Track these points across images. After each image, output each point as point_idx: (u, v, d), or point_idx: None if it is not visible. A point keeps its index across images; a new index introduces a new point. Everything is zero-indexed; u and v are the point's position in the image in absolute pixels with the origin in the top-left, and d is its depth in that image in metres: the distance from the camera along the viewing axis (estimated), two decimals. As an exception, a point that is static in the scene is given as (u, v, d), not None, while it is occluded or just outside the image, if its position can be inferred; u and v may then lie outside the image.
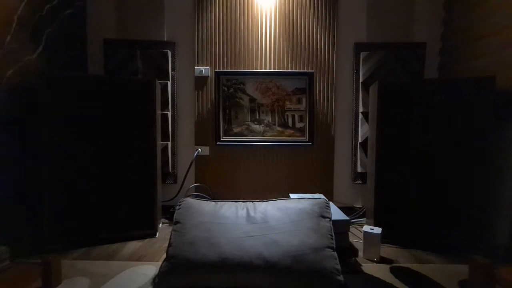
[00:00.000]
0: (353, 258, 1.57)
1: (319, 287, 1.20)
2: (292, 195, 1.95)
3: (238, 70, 2.33)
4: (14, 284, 1.33)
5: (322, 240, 1.27)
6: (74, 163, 1.73)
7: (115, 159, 1.79)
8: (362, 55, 2.30)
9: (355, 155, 2.36)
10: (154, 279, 1.34)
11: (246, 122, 2.36)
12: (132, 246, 1.75)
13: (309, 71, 2.32)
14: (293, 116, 2.35)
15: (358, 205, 2.36)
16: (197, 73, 2.34)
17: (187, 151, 2.38)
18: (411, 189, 1.78)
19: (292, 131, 2.36)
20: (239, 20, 2.32)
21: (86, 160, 1.75)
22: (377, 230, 1.62)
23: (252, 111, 2.35)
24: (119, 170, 1.80)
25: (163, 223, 2.15)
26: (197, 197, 2.16)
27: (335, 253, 1.26)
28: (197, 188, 2.38)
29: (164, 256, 1.31)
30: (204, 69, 2.34)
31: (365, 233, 1.63)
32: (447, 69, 2.24)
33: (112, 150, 1.79)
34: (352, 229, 1.98)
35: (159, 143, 2.00)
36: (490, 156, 1.65)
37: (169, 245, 1.30)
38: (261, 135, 2.36)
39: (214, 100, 2.34)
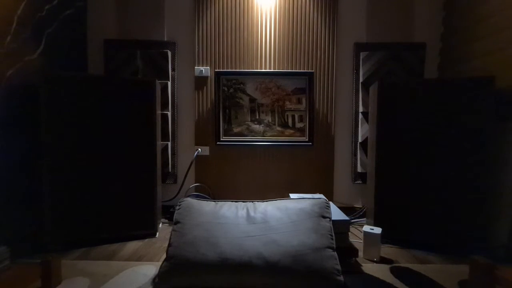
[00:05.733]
0: (353, 258, 1.57)
1: (319, 287, 1.20)
2: (292, 195, 1.95)
3: (238, 70, 2.33)
4: (14, 284, 1.33)
5: (322, 240, 1.27)
6: (74, 163, 1.73)
7: (115, 159, 1.79)
8: (362, 55, 2.30)
9: (355, 155, 2.36)
10: (154, 279, 1.34)
11: (246, 122, 2.36)
12: (132, 246, 1.75)
13: (309, 71, 2.32)
14: (293, 116, 2.35)
15: (358, 205, 2.36)
16: (197, 73, 2.34)
17: (187, 151, 2.38)
18: (411, 189, 1.78)
19: (292, 131, 2.36)
20: (239, 20, 2.32)
21: (86, 160, 1.75)
22: (377, 230, 1.62)
23: (252, 111, 2.35)
24: (119, 170, 1.80)
25: (163, 223, 2.14)
26: (197, 197, 2.16)
27: (335, 253, 1.26)
28: (197, 188, 2.38)
29: (164, 256, 1.31)
30: (204, 69, 2.34)
31: (365, 233, 1.63)
32: (447, 69, 2.24)
33: (112, 150, 1.79)
34: (352, 229, 1.98)
35: (159, 143, 2.00)
36: (490, 156, 1.65)
37: (169, 245, 1.30)
38: (261, 135, 2.36)
39: (214, 100, 2.33)
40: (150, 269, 1.44)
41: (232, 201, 1.48)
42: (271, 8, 2.31)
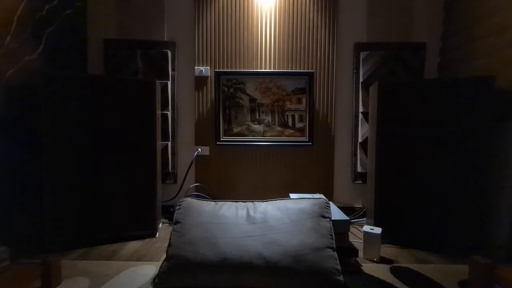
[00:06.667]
0: (353, 258, 1.57)
1: (319, 287, 1.20)
2: (292, 195, 1.95)
3: (238, 70, 2.33)
4: (14, 284, 1.32)
5: (322, 240, 1.27)
6: (74, 163, 1.73)
7: (115, 159, 1.79)
8: (362, 55, 2.30)
9: (355, 155, 2.36)
10: (154, 279, 1.34)
11: (246, 122, 2.36)
12: (132, 246, 1.75)
13: (309, 71, 2.32)
14: (293, 116, 2.35)
15: (358, 205, 2.36)
16: (197, 73, 2.34)
17: (187, 151, 2.38)
18: (411, 189, 1.78)
19: (292, 131, 2.36)
20: (239, 20, 2.32)
21: (86, 160, 1.75)
22: (377, 230, 1.62)
23: (252, 111, 2.35)
24: (119, 170, 1.80)
25: (163, 223, 2.15)
26: (197, 197, 2.16)
27: (335, 253, 1.27)
28: (197, 188, 2.38)
29: (164, 256, 1.31)
30: (204, 69, 2.34)
31: (365, 233, 1.63)
32: (447, 69, 2.24)
33: (112, 150, 1.79)
34: (352, 229, 1.98)
35: (159, 143, 2.00)
36: (490, 156, 1.65)
37: (169, 245, 1.30)
38: (261, 135, 2.36)
39: (214, 100, 2.33)
40: (150, 269, 1.44)
41: (232, 201, 1.48)
42: (271, 8, 2.31)
